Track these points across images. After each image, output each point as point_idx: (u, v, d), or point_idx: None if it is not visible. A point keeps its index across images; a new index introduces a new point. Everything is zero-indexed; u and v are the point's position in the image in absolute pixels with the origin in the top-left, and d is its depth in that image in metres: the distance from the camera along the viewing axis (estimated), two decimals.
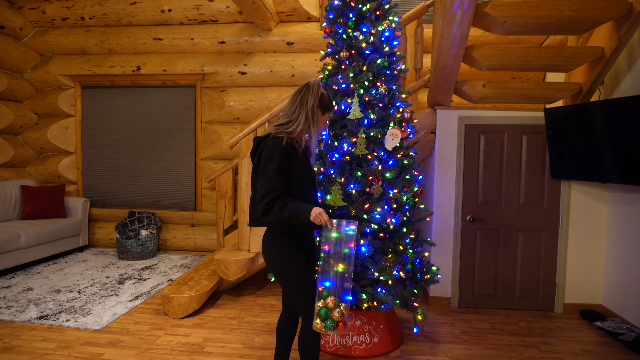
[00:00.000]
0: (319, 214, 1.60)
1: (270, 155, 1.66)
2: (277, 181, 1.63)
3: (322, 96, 1.78)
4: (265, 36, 4.49)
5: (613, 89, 3.05)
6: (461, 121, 3.21)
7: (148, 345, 2.55)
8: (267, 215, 1.63)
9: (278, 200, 1.62)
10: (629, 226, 2.88)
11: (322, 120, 1.82)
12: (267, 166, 1.65)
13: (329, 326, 1.59)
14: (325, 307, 1.61)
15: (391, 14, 2.53)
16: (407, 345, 2.60)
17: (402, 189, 2.41)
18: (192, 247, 4.91)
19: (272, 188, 1.62)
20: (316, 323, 1.62)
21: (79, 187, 5.04)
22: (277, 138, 1.69)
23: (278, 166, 1.64)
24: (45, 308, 3.08)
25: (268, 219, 1.65)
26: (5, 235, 3.77)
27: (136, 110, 4.94)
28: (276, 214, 1.61)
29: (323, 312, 1.61)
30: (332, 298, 1.62)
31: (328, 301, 1.61)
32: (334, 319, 1.59)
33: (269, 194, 1.62)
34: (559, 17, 2.61)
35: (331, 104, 1.83)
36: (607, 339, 2.72)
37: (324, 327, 1.60)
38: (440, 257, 3.25)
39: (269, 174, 1.64)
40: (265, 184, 1.63)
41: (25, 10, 4.68)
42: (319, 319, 1.61)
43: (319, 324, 1.61)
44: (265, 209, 1.62)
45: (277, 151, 1.65)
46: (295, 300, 1.78)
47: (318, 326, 1.61)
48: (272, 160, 1.64)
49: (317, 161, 2.56)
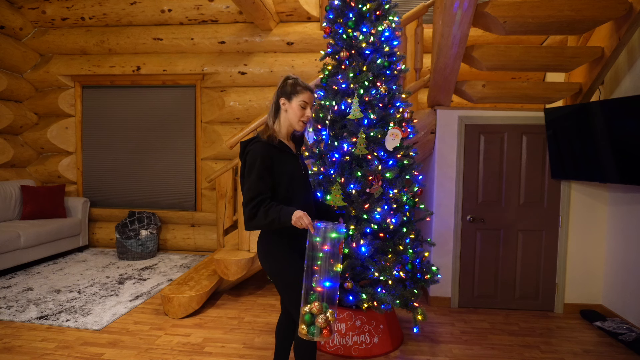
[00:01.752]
0: (300, 218, 1.55)
1: (253, 160, 1.66)
2: (261, 185, 1.63)
3: (284, 85, 1.77)
4: (265, 36, 4.49)
5: (613, 89, 3.05)
6: (461, 121, 3.21)
7: (148, 345, 2.55)
8: (252, 221, 1.64)
9: (262, 205, 1.62)
10: (629, 226, 2.88)
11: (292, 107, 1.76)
12: (251, 171, 1.65)
13: (312, 332, 1.54)
14: (310, 313, 1.56)
15: (391, 14, 2.53)
16: (407, 345, 2.60)
17: (402, 189, 2.41)
18: (192, 247, 4.91)
19: (255, 193, 1.62)
20: (301, 328, 1.57)
21: (79, 187, 5.04)
22: (259, 142, 1.70)
23: (260, 170, 1.64)
24: (45, 308, 3.08)
25: (254, 224, 1.65)
26: (5, 235, 3.77)
27: (136, 110, 4.94)
28: (261, 219, 1.62)
29: (307, 317, 1.56)
30: (317, 304, 1.56)
31: (312, 307, 1.55)
32: (318, 325, 1.54)
33: (253, 199, 1.62)
34: (559, 17, 2.61)
35: (295, 87, 1.75)
36: (607, 339, 2.72)
37: (307, 333, 1.55)
38: (440, 257, 3.25)
39: (252, 179, 1.64)
40: (249, 189, 1.63)
41: (25, 10, 4.68)
42: (303, 325, 1.57)
43: (303, 330, 1.56)
44: (251, 215, 1.63)
45: (258, 155, 1.65)
46: (289, 301, 1.77)
47: (303, 332, 1.56)
48: (255, 165, 1.64)
49: (317, 161, 2.56)
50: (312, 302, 1.58)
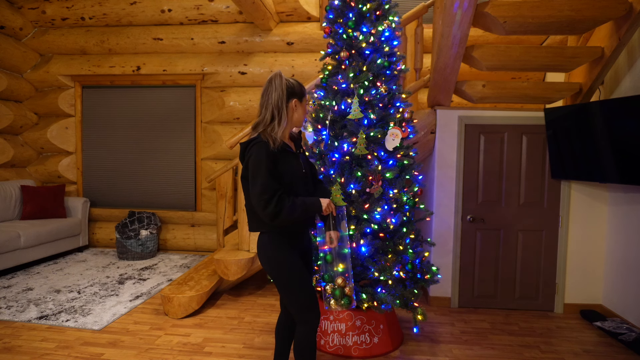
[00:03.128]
0: (329, 204, 1.74)
1: (258, 160, 1.64)
2: (273, 184, 1.62)
3: (289, 86, 1.75)
4: (265, 36, 4.49)
5: (613, 89, 3.05)
6: (461, 121, 3.21)
7: (148, 345, 2.55)
8: (279, 216, 1.61)
9: (284, 201, 1.62)
10: (629, 226, 2.88)
11: (303, 107, 1.81)
12: (259, 171, 1.63)
13: (344, 303, 1.77)
14: (339, 287, 1.78)
15: (391, 14, 2.53)
16: (407, 345, 2.60)
17: (402, 189, 2.41)
18: (192, 247, 4.91)
19: (272, 192, 1.61)
20: (331, 304, 1.78)
21: (79, 187, 5.04)
22: (260, 142, 1.68)
23: (268, 169, 1.63)
24: (45, 308, 3.08)
25: (280, 220, 1.62)
26: (5, 235, 3.77)
27: (136, 110, 4.94)
28: (287, 214, 1.61)
29: (337, 292, 1.77)
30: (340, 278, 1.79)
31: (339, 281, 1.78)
32: (348, 294, 1.77)
33: (272, 198, 1.60)
34: (559, 17, 2.61)
35: (303, 89, 1.82)
36: (607, 339, 2.72)
37: (339, 305, 1.77)
38: (440, 257, 3.25)
39: (264, 178, 1.61)
40: (264, 190, 1.60)
41: (25, 10, 4.68)
42: (333, 300, 1.78)
43: (333, 304, 1.77)
44: (275, 212, 1.60)
45: (263, 155, 1.64)
46: (289, 301, 1.76)
47: (334, 306, 1.77)
48: (261, 165, 1.63)
49: (317, 161, 2.56)
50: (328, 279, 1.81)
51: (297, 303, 1.74)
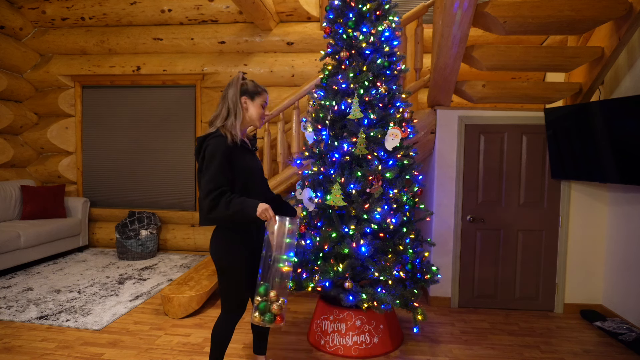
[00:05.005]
0: (265, 210, 1.63)
1: (212, 153, 1.68)
2: (221, 178, 1.66)
3: (244, 84, 1.83)
4: (265, 36, 4.49)
5: (613, 89, 3.05)
6: (461, 121, 3.21)
7: (148, 345, 2.55)
8: (212, 212, 1.65)
9: (223, 197, 1.64)
10: (629, 226, 2.88)
11: (255, 106, 1.84)
12: (211, 163, 1.67)
13: (267, 319, 1.65)
14: (265, 301, 1.67)
15: (391, 14, 2.53)
16: (407, 345, 2.60)
17: (402, 189, 2.41)
18: (192, 247, 4.91)
19: (216, 185, 1.64)
20: (254, 316, 1.67)
21: (79, 187, 5.04)
22: (218, 136, 1.72)
23: (221, 163, 1.66)
24: (45, 308, 3.08)
25: (213, 216, 1.67)
26: (5, 235, 3.77)
27: (136, 110, 4.93)
28: (222, 211, 1.63)
29: (262, 305, 1.67)
30: (274, 292, 1.68)
31: (271, 295, 1.68)
32: (273, 312, 1.66)
33: (214, 191, 1.64)
34: (559, 17, 2.62)
35: (257, 88, 1.85)
36: (607, 339, 2.72)
37: (262, 320, 1.66)
38: (440, 257, 3.25)
39: (213, 171, 1.66)
40: (210, 180, 1.65)
41: (25, 10, 4.67)
42: (257, 312, 1.67)
43: (257, 317, 1.67)
44: (211, 206, 1.64)
45: (219, 149, 1.68)
46: (222, 292, 1.84)
47: (257, 319, 1.66)
48: (215, 158, 1.67)
49: (317, 161, 2.56)
50: (263, 292, 1.69)
51: (228, 298, 1.83)
